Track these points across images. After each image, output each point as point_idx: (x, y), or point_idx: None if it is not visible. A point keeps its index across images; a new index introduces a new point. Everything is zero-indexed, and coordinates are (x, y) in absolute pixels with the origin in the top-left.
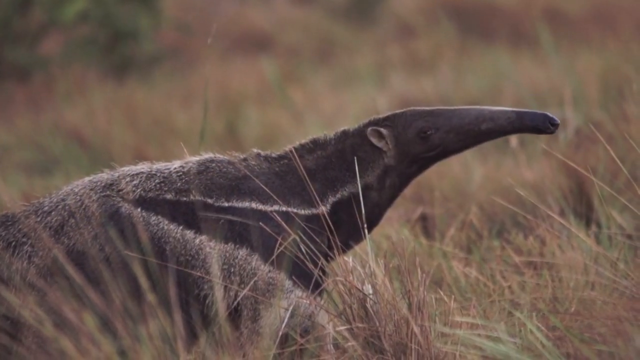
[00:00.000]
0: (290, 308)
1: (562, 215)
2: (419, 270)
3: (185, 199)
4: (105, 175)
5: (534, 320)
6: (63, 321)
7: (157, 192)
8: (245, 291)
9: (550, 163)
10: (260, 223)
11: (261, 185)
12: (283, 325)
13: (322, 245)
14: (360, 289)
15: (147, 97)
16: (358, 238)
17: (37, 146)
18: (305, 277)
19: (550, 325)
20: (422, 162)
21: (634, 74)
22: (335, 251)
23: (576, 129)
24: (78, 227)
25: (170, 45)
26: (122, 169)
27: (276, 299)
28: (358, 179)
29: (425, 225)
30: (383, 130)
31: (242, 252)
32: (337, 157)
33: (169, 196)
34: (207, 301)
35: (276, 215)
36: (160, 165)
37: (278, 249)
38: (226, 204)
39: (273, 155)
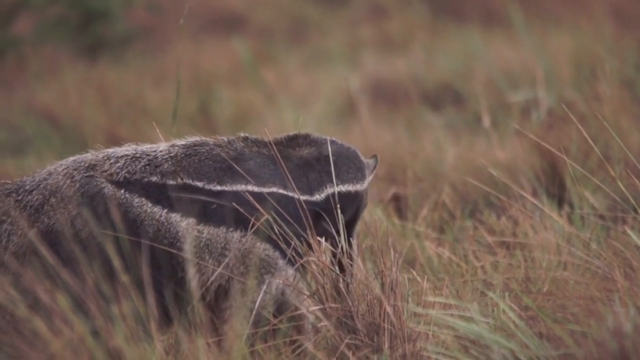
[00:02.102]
0: (280, 286)
1: (534, 196)
2: (391, 250)
3: (172, 182)
4: (89, 156)
5: (507, 300)
6: (37, 302)
7: (142, 175)
8: (219, 270)
9: (522, 143)
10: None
11: (258, 169)
12: (267, 304)
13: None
14: (333, 269)
15: (120, 78)
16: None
17: (9, 126)
18: (297, 257)
19: (522, 305)
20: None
21: (606, 54)
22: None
23: (548, 109)
24: (59, 206)
25: (142, 25)
26: (107, 150)
27: (270, 276)
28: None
29: (398, 206)
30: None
31: (236, 235)
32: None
33: (154, 179)
34: (191, 283)
35: (272, 197)
36: (145, 148)
37: (273, 228)
38: (218, 188)
39: (263, 139)
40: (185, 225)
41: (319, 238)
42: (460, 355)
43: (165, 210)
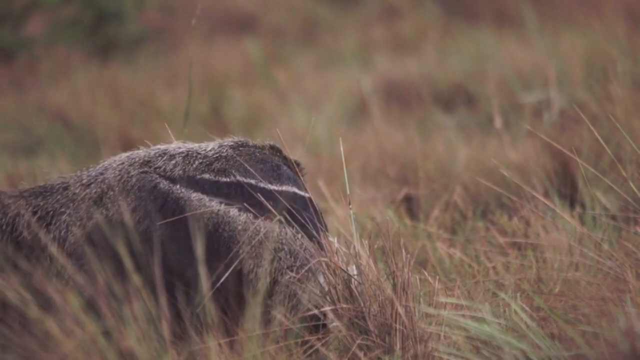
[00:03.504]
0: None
1: (546, 196)
2: (403, 251)
3: (226, 179)
4: (141, 153)
5: (518, 301)
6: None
7: (195, 172)
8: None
9: (534, 144)
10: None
11: (293, 176)
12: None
13: None
14: (345, 269)
15: (131, 78)
16: None
17: (21, 127)
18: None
19: (534, 306)
20: None
21: (619, 54)
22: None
23: (560, 110)
24: (116, 200)
25: (154, 26)
26: (158, 147)
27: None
28: None
29: (410, 206)
30: None
31: (290, 231)
32: None
33: (208, 176)
34: (250, 276)
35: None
36: (195, 146)
37: (320, 230)
38: (270, 187)
39: (286, 155)
40: (244, 219)
41: (330, 238)
42: (471, 355)
43: (223, 205)
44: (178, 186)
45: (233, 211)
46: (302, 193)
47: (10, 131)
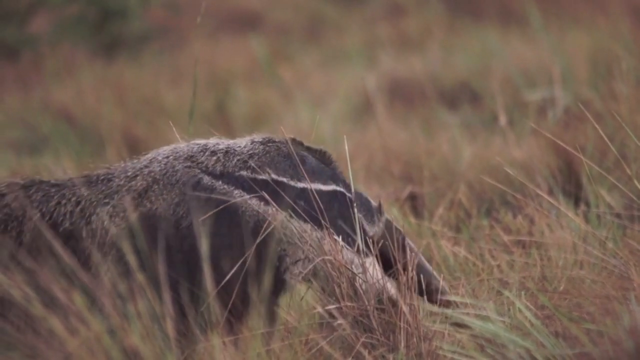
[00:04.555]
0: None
1: (550, 194)
2: (407, 249)
3: (262, 176)
4: (184, 147)
5: (523, 299)
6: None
7: (234, 169)
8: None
9: (539, 142)
10: (326, 202)
11: (319, 168)
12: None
13: None
14: (350, 267)
15: (136, 76)
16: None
17: (26, 125)
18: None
19: (539, 304)
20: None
21: (623, 52)
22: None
23: (565, 108)
24: (161, 193)
25: (159, 24)
26: (198, 142)
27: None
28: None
29: (414, 204)
30: (383, 211)
31: (318, 234)
32: (357, 192)
33: (245, 173)
34: (286, 273)
35: (340, 196)
36: (231, 143)
37: (347, 227)
38: (300, 185)
39: (308, 145)
40: (282, 218)
41: (335, 236)
42: (476, 354)
43: (262, 203)
44: (220, 182)
45: (271, 210)
46: (325, 188)
47: (15, 129)
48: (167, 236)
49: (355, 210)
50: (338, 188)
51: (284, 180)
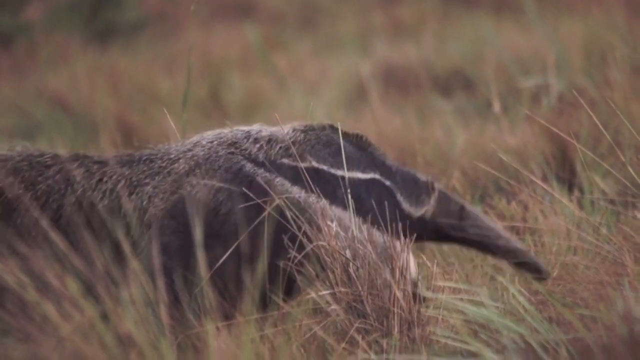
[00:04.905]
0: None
1: (544, 181)
2: (401, 235)
3: (303, 164)
4: (228, 133)
5: (517, 285)
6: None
7: (276, 156)
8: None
9: (533, 129)
10: (364, 191)
11: (357, 155)
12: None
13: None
14: (343, 253)
15: (130, 64)
16: None
17: (20, 112)
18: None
19: (532, 290)
20: (433, 235)
21: (617, 40)
22: None
23: (559, 95)
24: (203, 178)
25: (154, 11)
26: (242, 128)
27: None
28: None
29: None
30: (436, 186)
31: (358, 221)
32: (397, 169)
33: (286, 161)
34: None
35: (377, 185)
36: (273, 130)
37: (386, 215)
38: (339, 172)
39: (345, 131)
40: (322, 206)
41: (329, 222)
42: (469, 339)
43: (303, 191)
44: (262, 170)
45: (312, 198)
46: (363, 176)
47: (9, 116)
48: (206, 221)
49: (398, 194)
50: (376, 176)
51: (324, 168)
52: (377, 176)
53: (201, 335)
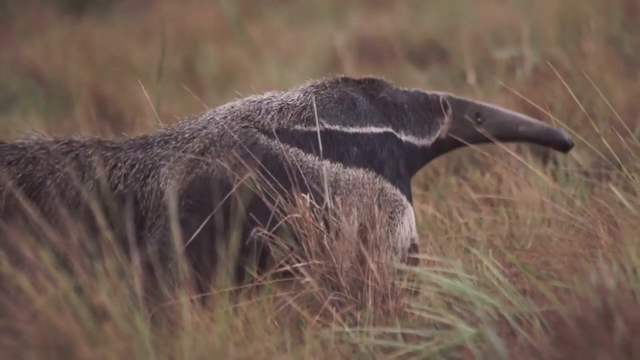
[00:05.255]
0: (410, 223)
1: (519, 153)
2: (375, 207)
3: (314, 129)
4: (240, 105)
5: (491, 257)
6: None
7: (288, 124)
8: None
9: (507, 100)
10: (378, 145)
11: (370, 110)
12: (403, 238)
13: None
14: (318, 225)
15: (105, 34)
16: None
17: None
18: (409, 195)
19: (506, 262)
20: (452, 146)
21: (592, 11)
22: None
23: (533, 67)
24: (218, 155)
25: None
26: (253, 98)
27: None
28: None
29: None
30: (449, 103)
31: (371, 175)
32: (409, 105)
33: (299, 127)
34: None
35: (390, 138)
36: (284, 97)
37: (395, 168)
38: (352, 130)
39: (356, 79)
40: (336, 170)
41: (303, 194)
42: (443, 311)
43: (317, 158)
44: (276, 141)
45: (326, 163)
46: (377, 130)
47: None
48: (222, 198)
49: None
50: (389, 129)
51: (337, 128)
52: (389, 129)
53: (175, 308)
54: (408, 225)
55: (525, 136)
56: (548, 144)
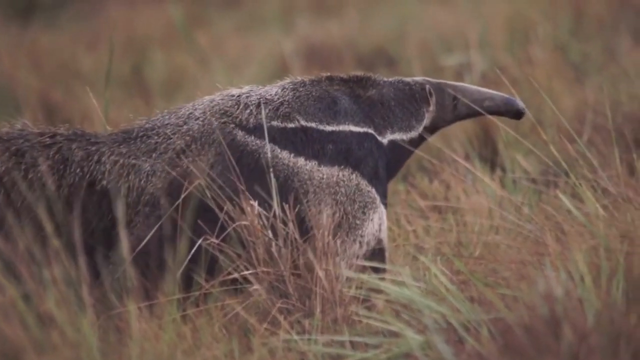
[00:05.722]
0: (382, 221)
1: (467, 160)
2: (323, 214)
3: (292, 125)
4: (219, 101)
5: (439, 265)
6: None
7: (267, 120)
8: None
9: None
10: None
11: (351, 109)
12: (370, 235)
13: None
14: (266, 233)
15: (53, 41)
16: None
17: None
18: (384, 198)
19: (454, 270)
20: (432, 132)
21: (540, 18)
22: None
23: (482, 73)
24: (199, 153)
25: None
26: (231, 93)
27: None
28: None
29: None
30: (433, 90)
31: (346, 172)
32: (396, 101)
33: (275, 123)
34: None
35: (369, 138)
36: (262, 91)
37: (373, 168)
38: (329, 128)
39: (343, 77)
40: (310, 168)
41: (251, 201)
42: (391, 319)
43: (292, 155)
44: (253, 137)
45: (300, 161)
46: (357, 129)
47: None
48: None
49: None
50: (369, 130)
51: (313, 125)
52: (370, 131)
53: (123, 316)
54: (377, 223)
55: (489, 110)
56: (507, 114)
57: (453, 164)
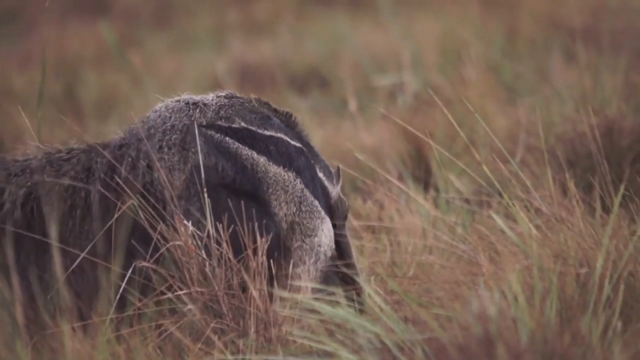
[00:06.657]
0: (326, 229)
1: (400, 180)
2: (258, 235)
3: (236, 125)
4: (170, 103)
5: (372, 285)
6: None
7: (211, 120)
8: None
9: (388, 127)
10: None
11: (284, 127)
12: (325, 245)
13: None
14: (200, 253)
15: None
16: None
17: None
18: (326, 205)
19: (388, 290)
20: None
21: (472, 38)
22: None
23: (414, 94)
24: (168, 154)
25: (7, 8)
26: (177, 99)
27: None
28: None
29: None
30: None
31: (291, 175)
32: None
33: (220, 123)
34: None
35: (303, 151)
36: (198, 98)
37: (312, 181)
38: (267, 133)
39: (274, 107)
40: (264, 162)
41: (185, 222)
42: (325, 339)
43: (247, 147)
44: (212, 131)
45: (255, 154)
46: (294, 143)
47: None
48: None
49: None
50: (304, 148)
51: (253, 128)
52: (304, 149)
53: (57, 336)
54: (328, 234)
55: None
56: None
57: (386, 184)
